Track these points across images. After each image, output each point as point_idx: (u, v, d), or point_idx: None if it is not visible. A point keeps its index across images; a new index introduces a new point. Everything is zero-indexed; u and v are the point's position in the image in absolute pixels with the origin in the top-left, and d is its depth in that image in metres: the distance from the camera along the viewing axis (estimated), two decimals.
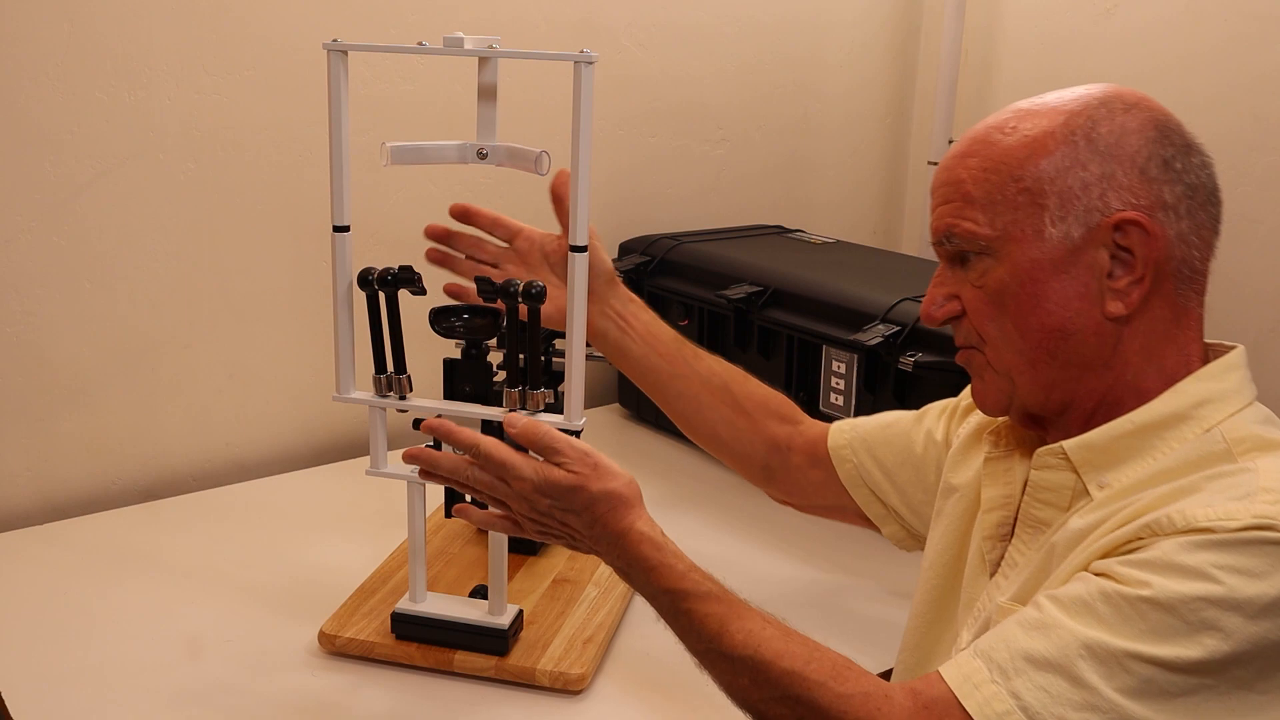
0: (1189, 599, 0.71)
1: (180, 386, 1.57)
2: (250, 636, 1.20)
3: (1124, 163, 0.82)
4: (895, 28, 2.21)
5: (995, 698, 0.74)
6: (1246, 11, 1.70)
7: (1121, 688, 0.71)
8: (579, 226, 1.03)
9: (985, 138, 0.86)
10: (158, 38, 1.45)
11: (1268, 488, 0.74)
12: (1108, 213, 0.81)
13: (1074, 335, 0.83)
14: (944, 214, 0.87)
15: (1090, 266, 0.82)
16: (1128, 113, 0.83)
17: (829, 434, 1.16)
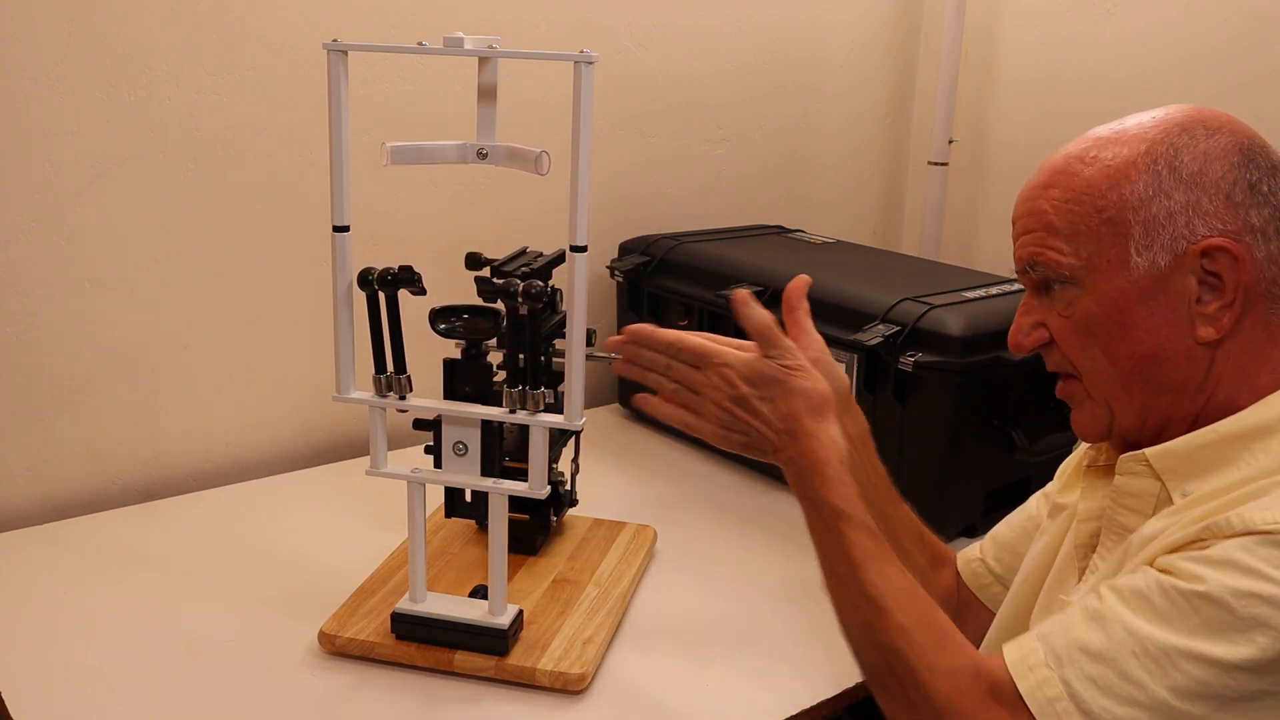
0: (1242, 594, 0.71)
1: (180, 386, 1.57)
2: (250, 636, 1.20)
3: (1209, 189, 0.82)
4: (895, 28, 2.21)
5: (1047, 682, 0.76)
6: (1246, 11, 1.70)
7: (1171, 686, 0.72)
8: (579, 226, 1.03)
9: (1066, 168, 0.86)
10: (158, 38, 1.45)
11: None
12: (1194, 240, 0.82)
13: (1166, 361, 0.84)
14: (1027, 243, 0.88)
15: (1179, 293, 0.83)
16: (1211, 138, 0.83)
17: (957, 560, 1.15)
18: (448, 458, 1.15)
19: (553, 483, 1.29)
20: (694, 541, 1.45)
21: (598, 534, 1.41)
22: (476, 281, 1.19)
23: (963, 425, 1.41)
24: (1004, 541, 1.11)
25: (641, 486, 1.62)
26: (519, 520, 1.32)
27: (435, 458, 1.17)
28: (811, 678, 1.16)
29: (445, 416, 1.14)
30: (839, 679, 1.14)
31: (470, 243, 1.30)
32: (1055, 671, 0.76)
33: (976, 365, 1.38)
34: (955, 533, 1.45)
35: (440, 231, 1.72)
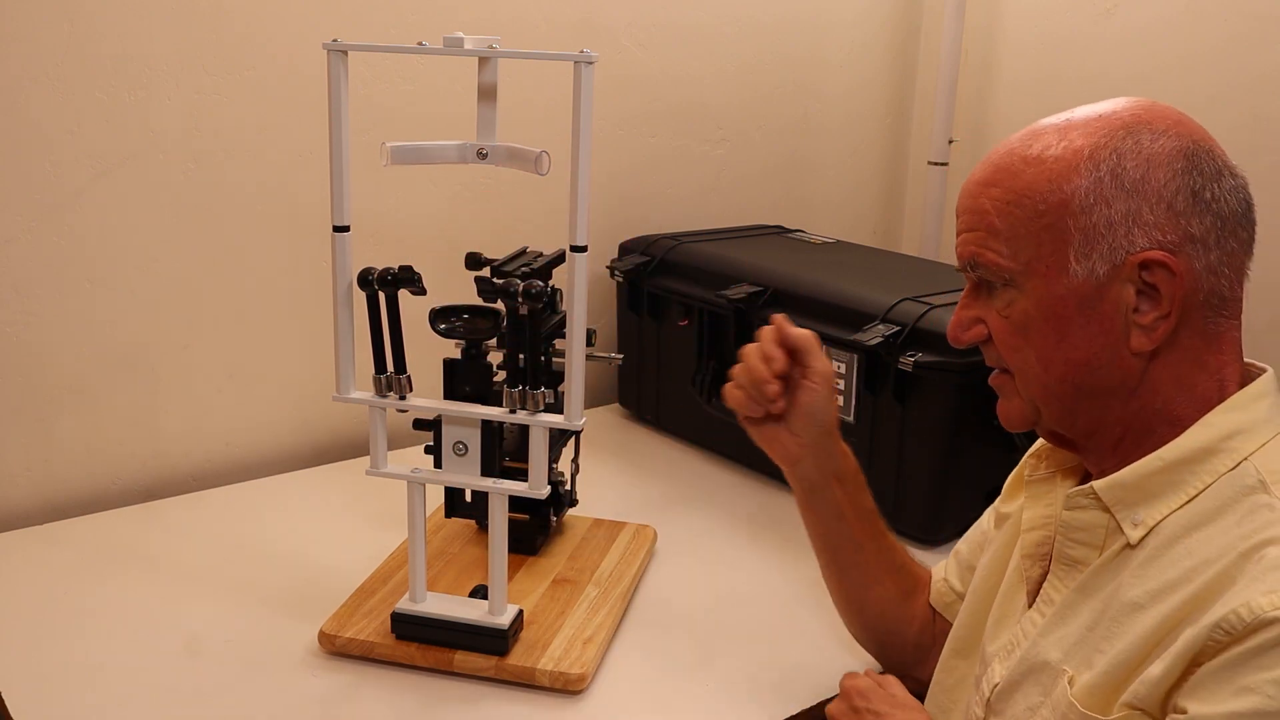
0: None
1: (180, 386, 1.57)
2: (250, 636, 1.20)
3: (1150, 198, 0.80)
4: (895, 28, 2.21)
5: None
6: (1246, 11, 1.70)
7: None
8: (579, 226, 1.03)
9: (1009, 166, 0.85)
10: (158, 38, 1.45)
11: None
12: (1133, 250, 0.80)
13: (1099, 368, 0.84)
14: (968, 241, 0.87)
15: (1116, 302, 0.82)
16: (1156, 141, 0.81)
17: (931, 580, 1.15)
18: (448, 458, 1.15)
19: (553, 483, 1.29)
20: (694, 541, 1.45)
21: (598, 534, 1.41)
22: (476, 281, 1.19)
23: (963, 425, 1.41)
24: (963, 559, 1.12)
25: (641, 486, 1.62)
26: (519, 520, 1.32)
27: (435, 458, 1.17)
28: (811, 677, 1.16)
29: (445, 416, 1.14)
30: (839, 679, 1.14)
31: (470, 243, 1.30)
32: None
33: (976, 365, 1.37)
34: (954, 533, 1.44)
35: (440, 231, 1.72)
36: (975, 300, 0.90)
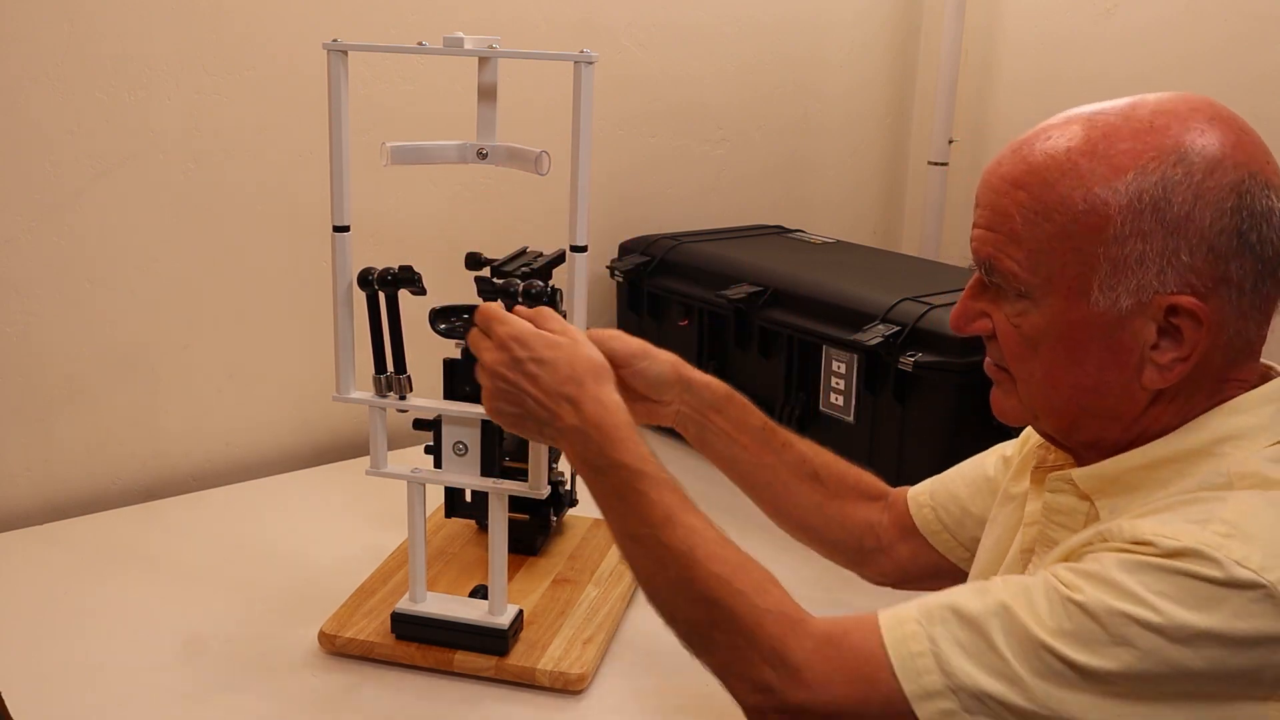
0: (1115, 612, 0.71)
1: (180, 386, 1.57)
2: (250, 636, 1.20)
3: (1191, 238, 0.74)
4: (895, 28, 2.21)
5: (913, 637, 0.75)
6: (1246, 11, 1.70)
7: (1032, 669, 0.72)
8: (579, 226, 1.03)
9: (1043, 171, 0.78)
10: (158, 38, 1.45)
11: (1226, 519, 0.73)
12: (1163, 291, 0.75)
13: (1106, 394, 0.81)
14: (986, 240, 0.81)
15: (1135, 335, 0.77)
16: (1210, 175, 0.74)
17: (908, 491, 1.13)
18: (448, 458, 1.15)
19: (553, 483, 1.29)
20: None
21: (598, 534, 1.41)
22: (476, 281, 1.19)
23: (963, 425, 1.40)
24: (956, 496, 1.09)
25: None
26: (519, 520, 1.32)
27: (435, 458, 1.17)
28: None
29: (445, 416, 1.14)
30: None
31: (470, 243, 1.30)
32: (924, 628, 0.76)
33: (976, 365, 1.37)
34: None
35: (440, 231, 1.72)
36: (984, 294, 0.85)
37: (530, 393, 0.92)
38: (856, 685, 0.77)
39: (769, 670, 0.79)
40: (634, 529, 0.87)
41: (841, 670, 0.77)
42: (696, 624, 0.83)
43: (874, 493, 1.14)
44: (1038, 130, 0.81)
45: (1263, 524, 0.73)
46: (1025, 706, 0.72)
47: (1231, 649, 0.70)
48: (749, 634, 0.80)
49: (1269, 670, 0.70)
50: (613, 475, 0.88)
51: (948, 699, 0.74)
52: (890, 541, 1.12)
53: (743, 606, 0.80)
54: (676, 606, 0.85)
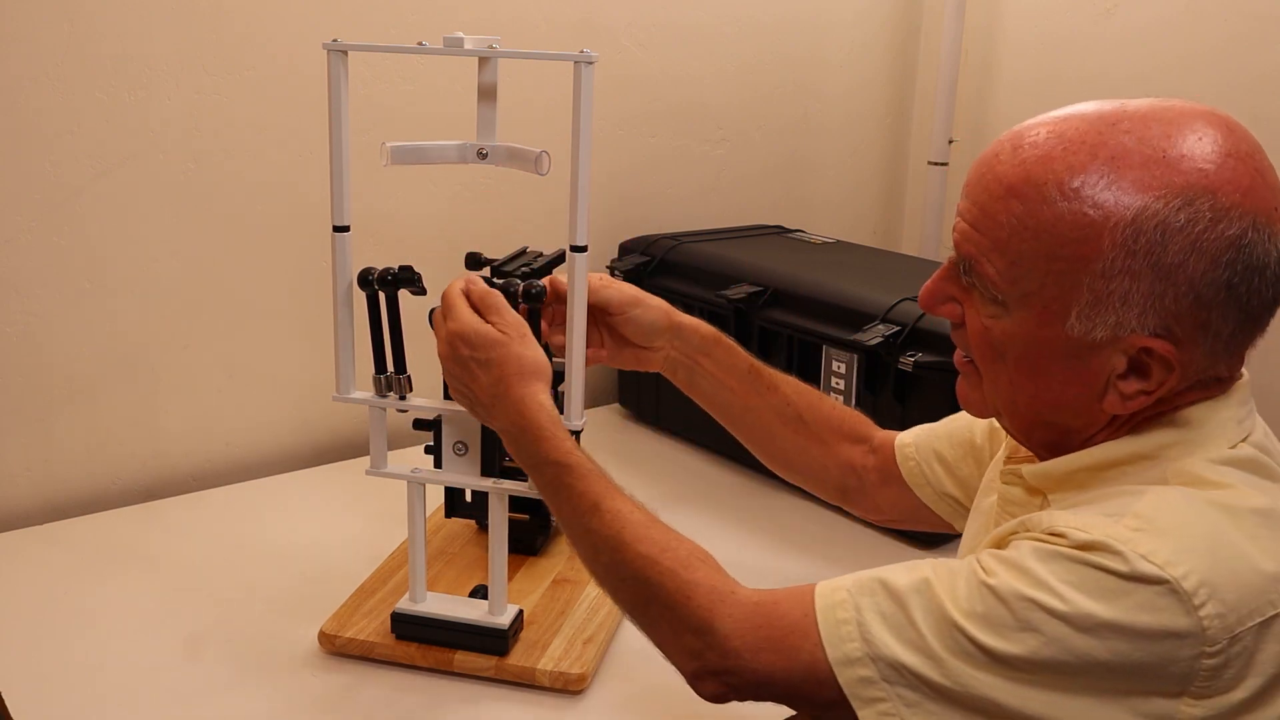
0: (1023, 598, 0.72)
1: (180, 386, 1.57)
2: (250, 636, 1.20)
3: (1179, 285, 0.73)
4: (895, 28, 2.21)
5: (841, 605, 0.78)
6: (1246, 11, 1.70)
7: (946, 647, 0.74)
8: (579, 226, 1.03)
9: (1040, 185, 0.75)
10: (158, 38, 1.45)
11: (1139, 513, 0.73)
12: (1141, 331, 0.74)
13: (1065, 411, 0.81)
14: (970, 239, 0.80)
15: (1103, 364, 0.77)
16: (1214, 226, 0.72)
17: (895, 439, 1.14)
18: (448, 458, 1.15)
19: None
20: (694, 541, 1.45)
21: None
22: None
23: None
24: (940, 454, 1.10)
25: (641, 486, 1.60)
26: (519, 520, 1.32)
27: (435, 458, 1.17)
28: None
29: (445, 416, 1.14)
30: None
31: (470, 243, 1.30)
32: (852, 598, 0.78)
33: None
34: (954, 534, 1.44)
35: (440, 231, 1.72)
36: (957, 281, 0.84)
37: (473, 388, 1.00)
38: (781, 652, 0.79)
39: (698, 639, 0.82)
40: (569, 519, 0.93)
41: (768, 638, 0.80)
42: (633, 602, 0.88)
43: (858, 435, 1.17)
44: (1041, 128, 0.78)
45: (1177, 520, 0.73)
46: (940, 682, 0.74)
47: (1134, 641, 0.70)
48: (678, 607, 0.84)
49: (1175, 666, 0.71)
50: (545, 471, 0.94)
51: (867, 667, 0.76)
52: (872, 484, 1.15)
53: (671, 582, 0.84)
54: (614, 587, 0.90)
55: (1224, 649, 0.70)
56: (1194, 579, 0.70)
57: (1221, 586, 0.70)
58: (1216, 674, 0.71)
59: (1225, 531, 0.73)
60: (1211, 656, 0.70)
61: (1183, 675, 0.71)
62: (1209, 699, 0.71)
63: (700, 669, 0.83)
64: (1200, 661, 0.70)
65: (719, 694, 0.83)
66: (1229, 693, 0.72)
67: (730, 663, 0.81)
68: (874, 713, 0.76)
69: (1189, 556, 0.71)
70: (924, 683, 0.74)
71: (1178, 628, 0.70)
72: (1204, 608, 0.70)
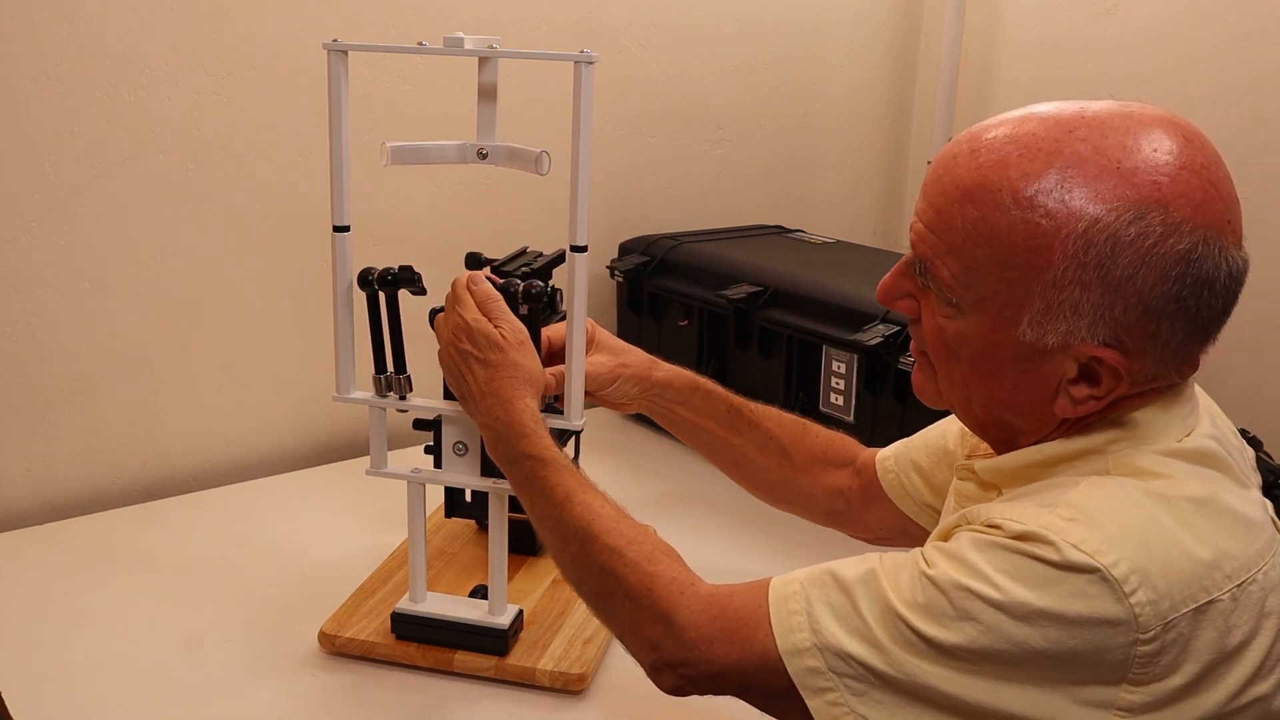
0: (960, 587, 0.73)
1: (180, 386, 1.57)
2: (250, 636, 1.20)
3: (1128, 297, 0.73)
4: (895, 28, 2.21)
5: (793, 597, 0.80)
6: (1246, 11, 1.70)
7: (890, 637, 0.75)
8: (579, 226, 1.03)
9: (995, 191, 0.75)
10: (158, 38, 1.45)
11: (1072, 503, 0.74)
12: (1091, 340, 0.75)
13: (1017, 411, 0.82)
14: (925, 240, 0.81)
15: (1054, 369, 0.78)
16: (1164, 241, 0.72)
17: (876, 456, 1.15)
18: (448, 458, 1.15)
19: None
20: (694, 541, 1.45)
21: None
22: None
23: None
24: (917, 464, 1.11)
25: (641, 486, 1.61)
26: (519, 520, 1.32)
27: (435, 458, 1.17)
28: None
29: (445, 416, 1.14)
30: None
31: (470, 243, 1.29)
32: (804, 589, 0.79)
33: None
34: None
35: (440, 231, 1.72)
36: (914, 279, 0.85)
37: (468, 382, 1.03)
38: (735, 643, 0.81)
39: (658, 629, 0.84)
40: (541, 511, 0.95)
41: (723, 629, 0.82)
42: (598, 593, 0.90)
43: (842, 459, 1.18)
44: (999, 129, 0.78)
45: (1108, 509, 0.74)
46: (886, 671, 0.75)
47: (1068, 629, 0.71)
48: (640, 598, 0.86)
49: (1110, 654, 0.71)
50: (522, 465, 0.97)
51: (814, 657, 0.77)
52: (858, 505, 1.16)
53: (634, 575, 0.86)
54: (580, 579, 0.92)
55: (1158, 635, 0.71)
56: (1124, 566, 0.71)
57: (1153, 574, 0.71)
58: (1152, 660, 0.71)
59: (1158, 519, 0.74)
60: (1146, 643, 0.71)
61: (1119, 663, 0.71)
62: (1147, 685, 0.72)
63: (658, 660, 0.84)
64: (1135, 649, 0.71)
65: (676, 686, 0.85)
66: (1166, 679, 0.72)
67: (687, 654, 0.83)
68: (822, 702, 0.76)
69: (1119, 545, 0.71)
70: (870, 671, 0.75)
71: (1110, 615, 0.70)
72: (1135, 594, 0.70)
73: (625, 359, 1.15)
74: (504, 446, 0.99)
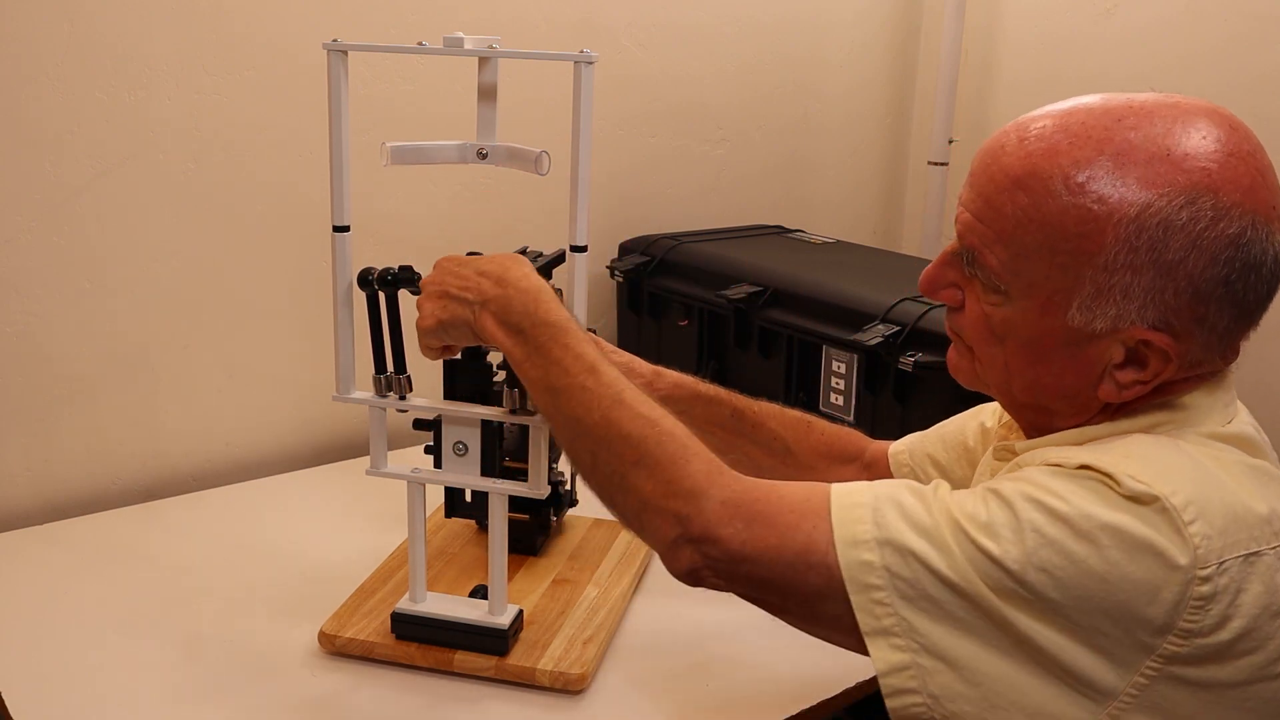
0: (1027, 497, 0.74)
1: (180, 386, 1.57)
2: (250, 636, 1.20)
3: (1179, 280, 0.74)
4: (895, 28, 2.21)
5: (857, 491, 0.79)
6: (1246, 11, 1.70)
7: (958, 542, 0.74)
8: (579, 226, 1.03)
9: (1046, 179, 0.76)
10: (158, 38, 1.45)
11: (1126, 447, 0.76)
12: (1140, 323, 0.76)
13: (1061, 397, 0.82)
14: (973, 229, 0.81)
15: (1101, 353, 0.79)
16: (1215, 224, 0.73)
17: (889, 450, 1.15)
18: (448, 458, 1.15)
19: (553, 483, 1.29)
20: None
21: (598, 534, 1.41)
22: None
23: None
24: (934, 459, 1.11)
25: None
26: (519, 520, 1.32)
27: (435, 458, 1.17)
28: (811, 677, 1.16)
29: (445, 416, 1.14)
30: (839, 679, 1.14)
31: (470, 243, 1.30)
32: (869, 489, 0.79)
33: None
34: None
35: (440, 231, 1.72)
36: (958, 267, 0.85)
37: (454, 283, 0.96)
38: (774, 530, 0.78)
39: (686, 504, 0.80)
40: (557, 380, 0.88)
41: (761, 514, 0.79)
42: (618, 465, 0.84)
43: (848, 454, 1.18)
44: (1047, 120, 0.79)
45: (1155, 454, 0.76)
46: (947, 574, 0.74)
47: (1129, 552, 0.71)
48: (673, 467, 0.82)
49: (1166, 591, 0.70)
50: (537, 332, 0.90)
51: (871, 550, 0.76)
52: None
53: (670, 444, 0.83)
54: (599, 449, 0.85)
55: (1212, 575, 0.71)
56: (1181, 497, 0.72)
57: (1208, 510, 0.72)
58: (1204, 608, 0.71)
59: (1208, 468, 0.75)
60: (1203, 582, 0.71)
61: (1173, 604, 0.71)
62: (1192, 639, 0.71)
63: (680, 536, 0.81)
64: (1190, 589, 0.71)
65: (693, 567, 0.81)
66: (1214, 634, 0.72)
67: (716, 530, 0.79)
68: (867, 599, 0.75)
69: (1174, 479, 0.73)
70: (931, 571, 0.74)
71: (1168, 549, 0.71)
72: (1193, 525, 0.71)
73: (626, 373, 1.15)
74: (511, 314, 0.92)
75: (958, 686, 0.74)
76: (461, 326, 0.96)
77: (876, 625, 0.75)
